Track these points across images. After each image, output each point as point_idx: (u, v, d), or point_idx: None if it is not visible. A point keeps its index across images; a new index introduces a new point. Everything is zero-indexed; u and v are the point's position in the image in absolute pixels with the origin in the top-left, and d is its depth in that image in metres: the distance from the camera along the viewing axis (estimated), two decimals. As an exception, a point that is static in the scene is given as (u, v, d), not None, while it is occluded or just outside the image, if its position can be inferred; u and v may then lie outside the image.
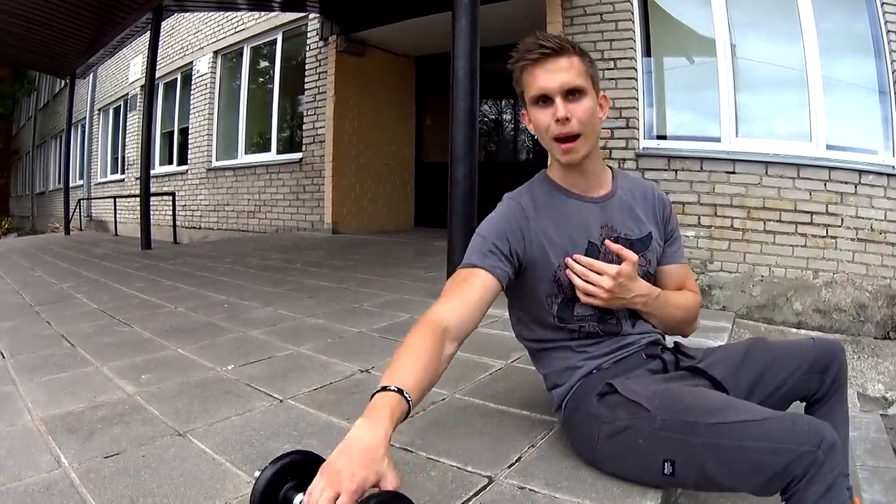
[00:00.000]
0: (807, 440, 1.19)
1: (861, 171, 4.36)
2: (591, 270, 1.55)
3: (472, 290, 1.48)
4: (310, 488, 1.04)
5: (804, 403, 1.62)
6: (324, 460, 1.13)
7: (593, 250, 1.60)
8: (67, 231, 12.23)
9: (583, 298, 1.56)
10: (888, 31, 4.37)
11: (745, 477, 1.25)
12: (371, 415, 1.16)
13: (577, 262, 1.57)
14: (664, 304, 1.65)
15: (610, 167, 1.73)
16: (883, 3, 4.40)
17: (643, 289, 1.60)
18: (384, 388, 1.21)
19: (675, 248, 1.77)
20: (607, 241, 1.59)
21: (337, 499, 1.01)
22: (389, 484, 1.08)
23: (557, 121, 1.50)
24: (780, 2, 4.83)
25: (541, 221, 1.60)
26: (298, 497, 1.11)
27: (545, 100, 1.52)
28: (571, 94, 1.50)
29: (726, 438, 1.26)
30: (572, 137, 1.52)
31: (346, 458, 1.07)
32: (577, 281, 1.56)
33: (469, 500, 1.41)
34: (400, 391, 1.20)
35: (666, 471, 1.34)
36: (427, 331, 1.36)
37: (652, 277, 1.70)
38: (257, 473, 1.15)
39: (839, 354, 1.60)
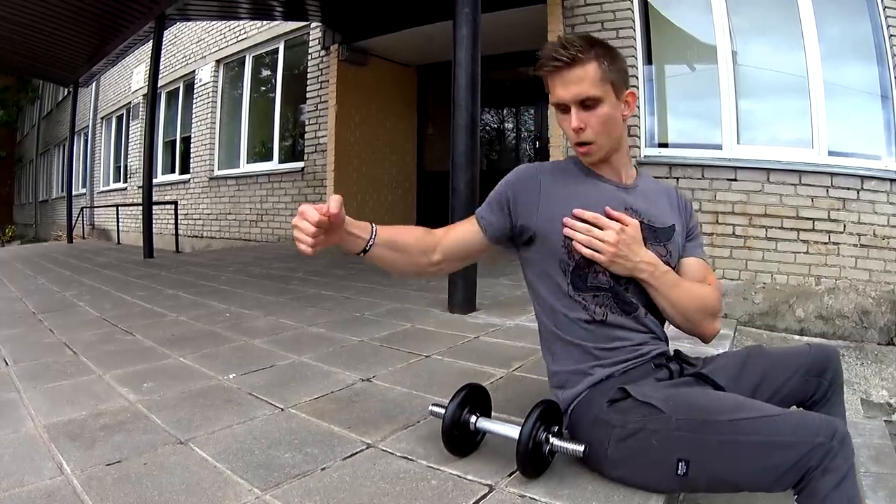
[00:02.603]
0: (820, 432, 1.21)
1: (863, 177, 4.37)
2: (595, 226, 1.55)
3: (460, 227, 1.74)
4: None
5: (802, 408, 1.63)
6: (483, 388, 1.69)
7: None
8: (70, 239, 12.26)
9: (585, 252, 1.55)
10: (890, 36, 4.38)
11: (761, 472, 1.25)
12: None
13: (580, 218, 1.57)
14: (673, 283, 1.60)
15: (635, 167, 1.76)
16: (886, 8, 4.41)
17: (649, 257, 1.58)
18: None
19: (695, 244, 1.79)
20: (607, 208, 1.58)
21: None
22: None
23: (573, 130, 1.55)
24: (782, 8, 4.84)
25: (557, 186, 1.63)
26: (473, 418, 1.62)
27: (563, 108, 1.57)
28: (586, 103, 1.53)
29: (742, 434, 1.27)
30: (587, 143, 1.57)
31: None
32: (578, 236, 1.55)
33: (470, 508, 1.41)
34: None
35: (680, 471, 1.34)
36: (422, 230, 1.68)
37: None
38: (434, 408, 1.64)
39: (834, 359, 1.62)
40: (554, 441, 1.49)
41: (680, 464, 1.34)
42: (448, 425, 1.58)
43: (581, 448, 1.44)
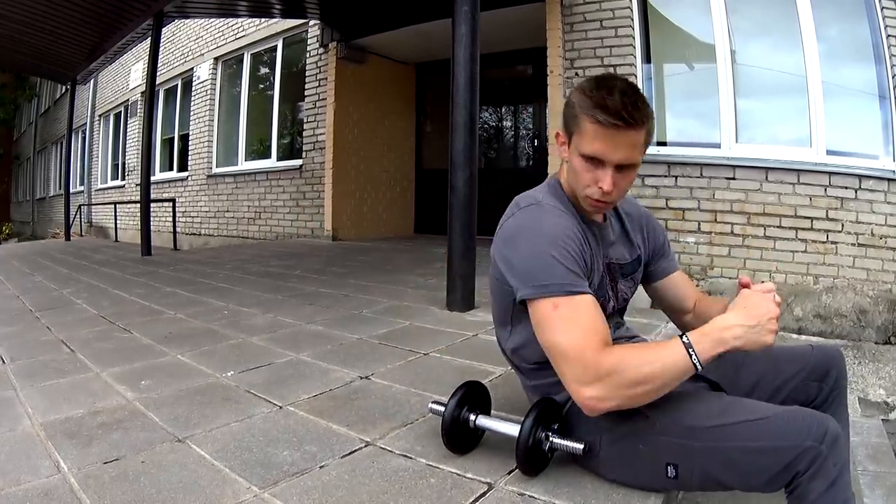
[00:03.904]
0: (809, 435, 1.19)
1: (861, 176, 4.37)
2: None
3: (600, 314, 1.39)
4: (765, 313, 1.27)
5: (799, 407, 1.62)
6: (483, 385, 1.69)
7: (604, 276, 1.58)
8: (68, 237, 12.23)
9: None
10: (888, 36, 4.38)
11: (749, 476, 1.25)
12: (708, 329, 1.29)
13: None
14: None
15: None
16: (883, 9, 4.41)
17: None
18: (683, 341, 1.28)
19: (671, 257, 1.79)
20: None
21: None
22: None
23: (603, 189, 1.44)
24: (781, 8, 4.84)
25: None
26: (472, 416, 1.62)
27: (597, 161, 1.43)
28: (623, 166, 1.43)
29: (727, 440, 1.26)
30: (607, 202, 1.49)
31: (753, 309, 1.27)
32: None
33: (469, 506, 1.41)
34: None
35: (669, 474, 1.34)
36: (610, 348, 1.33)
37: (631, 296, 1.71)
38: (433, 406, 1.66)
39: (838, 361, 1.59)
40: (553, 439, 1.49)
41: (669, 468, 1.34)
42: (448, 423, 1.59)
43: (580, 446, 1.44)
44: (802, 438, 1.19)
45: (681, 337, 1.28)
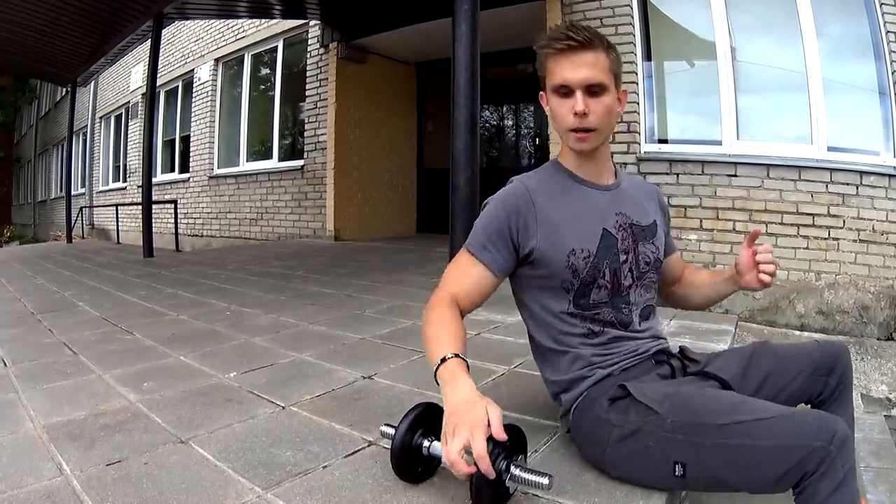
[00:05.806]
0: (818, 435, 1.18)
1: (862, 173, 4.37)
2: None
3: (471, 282, 1.59)
4: (444, 452, 1.24)
5: (809, 406, 1.62)
6: (439, 406, 1.43)
7: (608, 238, 1.59)
8: (69, 239, 12.25)
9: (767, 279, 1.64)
10: (888, 33, 4.37)
11: (757, 476, 1.24)
12: (453, 378, 1.33)
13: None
14: None
15: (613, 164, 1.75)
16: (882, 5, 4.40)
17: None
18: (444, 360, 1.37)
19: (671, 239, 1.86)
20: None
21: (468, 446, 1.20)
22: (494, 417, 1.23)
23: (576, 114, 1.50)
24: (780, 5, 4.83)
25: (549, 206, 1.58)
26: (426, 442, 1.43)
27: (566, 91, 1.51)
28: (592, 89, 1.49)
29: (737, 438, 1.25)
30: (587, 130, 1.53)
31: (457, 416, 1.24)
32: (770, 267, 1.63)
33: (472, 505, 1.40)
34: (456, 355, 1.38)
35: (677, 472, 1.33)
36: (445, 305, 1.53)
37: (661, 263, 1.71)
38: (384, 429, 1.50)
39: (844, 356, 1.59)
40: (515, 471, 1.30)
41: (677, 466, 1.33)
42: (397, 449, 1.42)
43: (546, 481, 1.26)
44: (812, 438, 1.18)
45: (456, 355, 1.38)
